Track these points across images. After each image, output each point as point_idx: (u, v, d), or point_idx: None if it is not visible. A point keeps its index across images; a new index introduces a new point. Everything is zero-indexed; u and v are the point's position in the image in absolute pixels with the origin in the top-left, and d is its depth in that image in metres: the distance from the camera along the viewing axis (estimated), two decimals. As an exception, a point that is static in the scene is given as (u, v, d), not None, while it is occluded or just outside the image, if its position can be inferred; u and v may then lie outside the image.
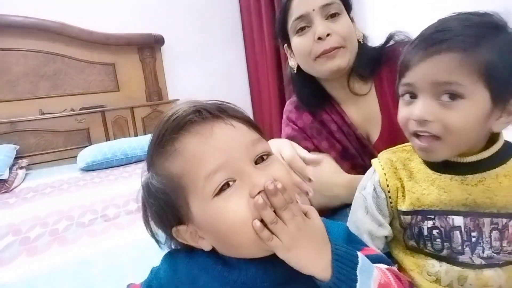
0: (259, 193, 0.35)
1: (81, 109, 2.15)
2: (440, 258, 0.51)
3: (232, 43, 2.80)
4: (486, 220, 0.47)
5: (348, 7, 0.79)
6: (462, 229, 0.48)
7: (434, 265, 0.51)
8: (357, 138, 0.83)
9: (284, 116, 0.93)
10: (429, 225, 0.50)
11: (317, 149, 0.86)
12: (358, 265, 0.38)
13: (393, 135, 0.77)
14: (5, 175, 1.60)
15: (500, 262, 0.48)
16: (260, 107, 2.72)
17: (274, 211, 0.35)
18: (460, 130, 0.44)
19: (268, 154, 0.41)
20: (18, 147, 1.92)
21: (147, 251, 0.83)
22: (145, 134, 2.27)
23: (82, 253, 0.86)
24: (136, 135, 2.27)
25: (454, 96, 0.44)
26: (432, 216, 0.50)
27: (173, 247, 0.46)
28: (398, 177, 0.54)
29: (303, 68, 0.82)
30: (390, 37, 0.81)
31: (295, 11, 0.76)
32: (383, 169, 0.55)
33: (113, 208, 1.14)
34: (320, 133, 0.86)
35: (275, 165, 0.40)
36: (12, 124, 1.96)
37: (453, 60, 0.43)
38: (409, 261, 0.54)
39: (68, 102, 2.15)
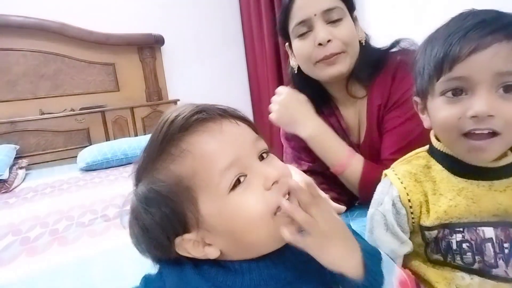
0: (273, 184, 0.37)
1: (81, 109, 2.15)
2: (471, 271, 0.48)
3: (232, 43, 2.80)
4: None
5: (351, 9, 0.78)
6: (494, 240, 0.46)
7: (464, 278, 0.48)
8: (350, 143, 0.83)
9: (282, 132, 0.95)
10: (458, 239, 0.47)
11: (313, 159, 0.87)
12: (381, 261, 0.38)
13: (372, 142, 0.80)
14: (5, 175, 1.60)
15: None
16: (260, 107, 2.71)
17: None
18: None
19: (267, 152, 0.42)
20: (18, 147, 1.92)
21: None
22: (145, 134, 2.27)
23: (82, 253, 0.86)
24: (136, 135, 2.27)
25: (510, 87, 0.41)
26: (461, 229, 0.47)
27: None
28: (421, 191, 0.50)
29: (303, 71, 0.82)
30: (395, 43, 0.81)
31: (297, 14, 0.76)
32: (402, 182, 0.51)
33: (113, 208, 1.14)
34: None
35: (277, 161, 0.42)
36: (12, 124, 1.96)
37: None
38: (433, 273, 0.51)
39: (68, 102, 2.15)
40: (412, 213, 0.50)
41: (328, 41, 0.73)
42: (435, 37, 0.47)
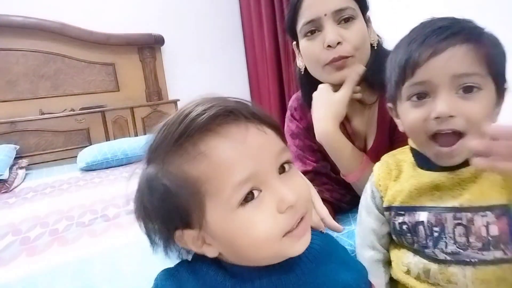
0: (287, 208, 0.34)
1: (81, 109, 2.15)
2: (415, 252, 0.52)
3: (232, 43, 2.80)
4: (449, 216, 0.47)
5: (364, 9, 0.74)
6: (425, 223, 0.49)
7: (408, 257, 0.53)
8: None
9: (288, 113, 0.91)
10: (400, 221, 0.53)
11: (318, 149, 0.84)
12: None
13: (381, 149, 0.75)
14: (5, 175, 1.60)
15: (473, 260, 0.46)
16: (260, 107, 2.71)
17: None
18: (482, 120, 0.43)
19: (289, 162, 0.39)
20: (18, 147, 1.92)
21: (147, 251, 0.83)
22: (145, 134, 2.27)
23: (82, 253, 0.86)
24: (136, 135, 2.27)
25: (470, 88, 0.44)
26: (403, 212, 0.52)
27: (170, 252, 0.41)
28: (389, 178, 0.56)
29: (310, 72, 0.78)
30: None
31: (306, 13, 0.72)
32: (378, 170, 0.58)
33: (113, 208, 1.14)
34: None
35: (297, 178, 0.39)
36: (12, 124, 1.96)
37: (470, 51, 0.43)
38: (393, 253, 0.57)
39: (68, 102, 2.15)
40: (382, 197, 0.56)
41: (338, 43, 0.69)
42: (399, 45, 0.50)
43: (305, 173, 0.83)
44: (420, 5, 1.52)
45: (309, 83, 0.80)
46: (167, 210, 0.35)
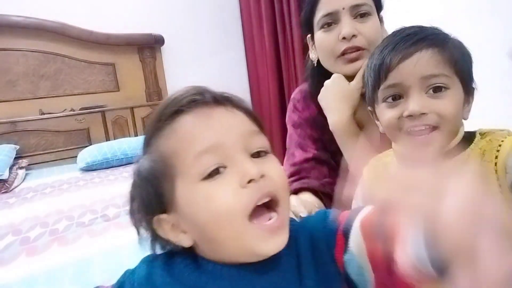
0: (249, 182, 0.34)
1: (81, 109, 2.15)
2: None
3: (232, 43, 2.80)
4: None
5: (379, 7, 0.77)
6: None
7: None
8: None
9: (291, 104, 0.93)
10: None
11: (319, 139, 0.86)
12: None
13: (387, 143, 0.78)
14: (5, 175, 1.60)
15: None
16: (260, 107, 2.71)
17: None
18: (453, 116, 0.49)
19: (267, 152, 0.39)
20: (18, 147, 1.92)
21: (147, 251, 0.84)
22: (145, 134, 2.27)
23: (82, 253, 0.86)
24: (136, 135, 2.27)
25: (440, 88, 0.49)
26: None
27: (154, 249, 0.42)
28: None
29: (323, 64, 0.81)
30: None
31: (324, 6, 0.75)
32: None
33: (113, 208, 1.14)
34: (324, 126, 0.85)
35: (270, 162, 0.38)
36: (12, 124, 1.96)
37: (435, 54, 0.48)
38: None
39: (68, 102, 2.15)
40: None
41: (353, 36, 0.72)
42: (374, 52, 0.55)
43: (306, 160, 0.85)
44: (419, 10, 1.53)
45: (320, 74, 0.82)
46: (147, 192, 0.37)
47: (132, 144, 1.92)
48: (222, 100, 0.38)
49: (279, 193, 0.36)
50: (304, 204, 0.69)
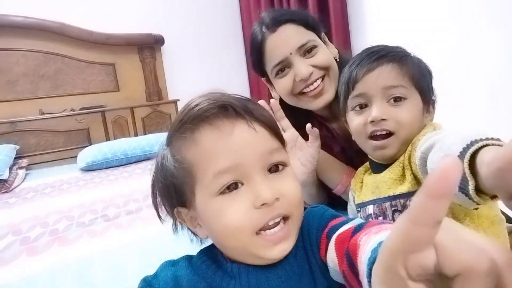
0: (263, 205, 0.35)
1: (81, 109, 2.16)
2: None
3: (232, 43, 2.80)
4: (387, 204, 0.57)
5: (318, 33, 0.80)
6: (373, 215, 0.59)
7: None
8: (351, 148, 0.83)
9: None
10: (360, 216, 0.63)
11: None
12: None
13: None
14: (5, 175, 1.59)
15: None
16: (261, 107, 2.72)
17: None
18: (409, 123, 0.55)
19: (284, 164, 0.40)
20: (18, 147, 1.92)
21: (147, 251, 0.84)
22: (145, 134, 2.27)
23: (82, 253, 0.86)
24: (136, 135, 2.27)
25: (399, 98, 0.56)
26: (359, 209, 0.64)
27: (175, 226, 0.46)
28: (359, 184, 0.67)
29: (288, 103, 0.83)
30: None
31: (272, 56, 0.77)
32: (353, 179, 0.70)
33: (113, 208, 1.14)
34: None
35: (287, 179, 0.39)
36: (12, 124, 1.96)
37: (394, 68, 0.56)
38: None
39: (68, 102, 2.15)
40: (354, 199, 0.67)
41: (310, 73, 0.75)
42: (347, 66, 0.62)
43: None
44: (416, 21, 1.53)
45: (287, 110, 0.84)
46: (168, 187, 0.40)
47: (132, 144, 1.91)
48: (244, 114, 0.38)
49: (291, 211, 0.38)
50: None
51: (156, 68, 2.43)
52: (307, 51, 0.76)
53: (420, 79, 0.57)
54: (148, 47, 2.37)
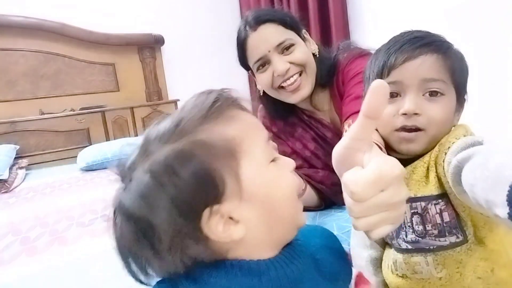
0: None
1: (81, 109, 2.15)
2: (389, 245, 0.57)
3: (232, 43, 2.79)
4: (407, 206, 0.51)
5: (298, 31, 0.84)
6: None
7: (389, 252, 0.57)
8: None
9: (260, 121, 1.00)
10: None
11: (292, 150, 0.94)
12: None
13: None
14: (5, 175, 1.60)
15: (432, 247, 0.50)
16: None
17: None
18: (441, 121, 0.50)
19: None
20: (18, 147, 1.92)
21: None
22: (145, 134, 2.28)
23: (82, 253, 0.86)
24: (136, 135, 2.27)
25: (436, 93, 0.50)
26: None
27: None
28: None
29: (270, 95, 0.91)
30: (341, 47, 0.90)
31: (253, 53, 0.84)
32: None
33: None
34: (292, 135, 0.94)
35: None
36: (12, 124, 1.97)
37: (438, 60, 0.50)
38: (385, 251, 0.62)
39: (68, 102, 2.15)
40: None
41: (287, 70, 0.81)
42: (380, 49, 0.56)
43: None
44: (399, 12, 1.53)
45: (270, 101, 0.94)
46: (199, 182, 0.33)
47: (132, 144, 1.91)
48: (245, 108, 0.43)
49: None
50: None
51: (156, 68, 2.43)
52: (285, 48, 0.81)
53: (460, 76, 0.52)
54: (148, 47, 2.37)
